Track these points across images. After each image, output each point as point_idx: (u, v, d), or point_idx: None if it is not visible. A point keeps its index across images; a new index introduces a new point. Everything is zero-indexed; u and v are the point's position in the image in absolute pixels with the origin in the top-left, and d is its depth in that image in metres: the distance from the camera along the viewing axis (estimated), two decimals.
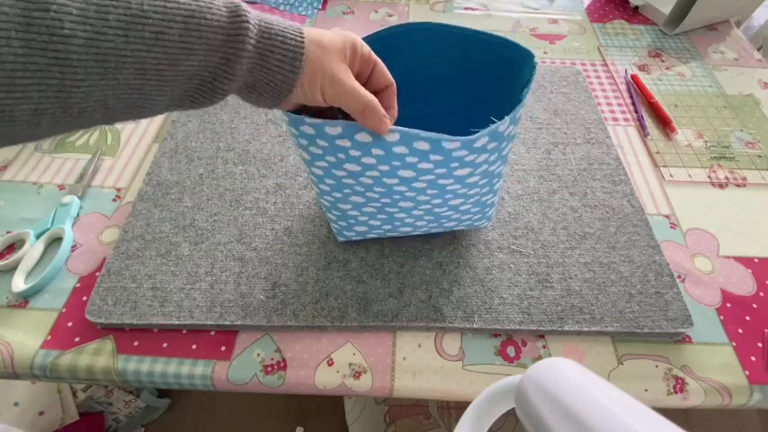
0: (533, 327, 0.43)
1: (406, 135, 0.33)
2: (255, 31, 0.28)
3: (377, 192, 0.39)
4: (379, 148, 0.34)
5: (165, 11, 0.24)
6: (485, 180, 0.39)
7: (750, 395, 0.41)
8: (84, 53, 0.22)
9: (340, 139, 0.34)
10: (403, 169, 0.36)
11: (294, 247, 0.48)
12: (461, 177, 0.37)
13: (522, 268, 0.47)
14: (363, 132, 0.33)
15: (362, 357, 0.43)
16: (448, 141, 0.33)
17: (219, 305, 0.44)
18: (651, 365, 0.43)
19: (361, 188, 0.39)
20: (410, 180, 0.37)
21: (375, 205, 0.41)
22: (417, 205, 0.40)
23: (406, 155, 0.34)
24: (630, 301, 0.45)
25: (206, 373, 0.41)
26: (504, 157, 0.38)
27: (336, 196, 0.40)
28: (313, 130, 0.33)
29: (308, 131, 0.34)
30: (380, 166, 0.35)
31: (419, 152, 0.34)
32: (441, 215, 0.42)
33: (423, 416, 0.82)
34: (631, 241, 0.50)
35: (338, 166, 0.36)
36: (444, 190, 0.38)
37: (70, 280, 0.47)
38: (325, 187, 0.39)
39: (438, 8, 0.84)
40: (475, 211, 0.43)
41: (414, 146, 0.34)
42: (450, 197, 0.39)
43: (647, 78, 0.71)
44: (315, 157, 0.36)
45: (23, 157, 0.57)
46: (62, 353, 0.42)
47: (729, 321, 0.45)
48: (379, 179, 0.37)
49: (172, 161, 0.56)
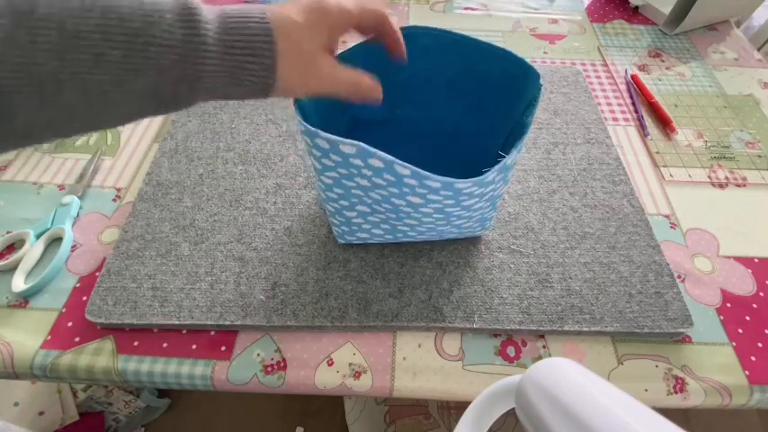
0: (533, 327, 0.43)
1: (417, 174, 0.33)
2: (215, 45, 0.26)
3: (384, 207, 0.39)
4: (391, 174, 0.34)
5: (105, 30, 0.23)
6: (489, 203, 0.40)
7: (750, 395, 0.41)
8: (16, 78, 0.21)
9: (353, 158, 0.33)
10: (412, 196, 0.36)
11: (294, 247, 0.48)
12: (468, 206, 0.38)
13: (522, 268, 0.47)
14: (376, 159, 0.33)
15: (362, 357, 0.43)
16: (460, 183, 0.34)
17: (219, 305, 0.44)
18: (651, 365, 0.43)
19: (369, 200, 0.39)
20: (418, 205, 0.37)
21: (380, 217, 0.41)
22: (422, 224, 0.41)
23: (416, 186, 0.35)
24: (630, 301, 0.45)
25: (206, 373, 0.41)
26: (506, 180, 0.39)
27: (343, 204, 0.40)
28: (327, 145, 0.33)
29: (323, 145, 0.33)
30: (390, 188, 0.36)
31: (429, 187, 0.34)
32: (444, 231, 0.44)
33: (423, 416, 0.82)
34: (631, 241, 0.50)
35: (349, 179, 0.36)
36: (450, 214, 0.39)
37: (70, 280, 0.47)
38: (332, 195, 0.39)
39: (438, 8, 0.84)
40: (476, 225, 0.44)
41: (425, 182, 0.34)
42: (455, 219, 0.40)
43: (647, 78, 0.71)
44: (326, 167, 0.36)
45: (23, 157, 0.57)
46: (62, 353, 0.42)
47: (729, 321, 0.45)
48: (388, 198, 0.37)
49: (172, 161, 0.56)
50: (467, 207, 0.38)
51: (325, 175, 0.37)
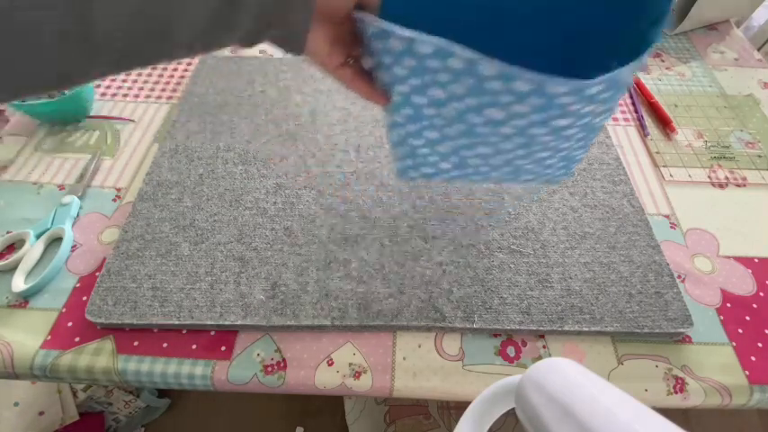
0: (533, 327, 0.43)
1: (505, 73, 0.28)
2: None
3: (456, 129, 0.34)
4: (472, 77, 0.29)
5: None
6: (582, 134, 0.34)
7: (750, 395, 0.41)
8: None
9: (430, 59, 0.29)
10: (492, 107, 0.31)
11: (294, 247, 0.48)
12: (558, 128, 0.32)
13: (522, 268, 0.47)
14: (456, 58, 0.28)
15: (362, 357, 0.43)
16: (555, 84, 0.28)
17: (219, 305, 0.44)
18: (651, 365, 0.43)
19: (440, 121, 0.34)
20: (497, 123, 0.32)
21: (450, 145, 0.37)
22: (498, 153, 0.35)
23: (501, 92, 0.29)
24: (630, 301, 0.45)
25: (206, 373, 0.41)
26: (612, 110, 0.33)
27: (410, 129, 0.36)
28: (401, 46, 0.29)
29: (396, 47, 0.29)
30: (468, 98, 0.31)
31: (517, 92, 0.29)
32: (521, 167, 0.38)
33: (423, 416, 0.82)
34: (631, 241, 0.50)
35: (421, 92, 0.32)
36: (533, 140, 0.33)
37: (70, 280, 0.47)
38: (399, 118, 0.36)
39: None
40: (560, 165, 0.38)
41: (512, 85, 0.29)
42: (539, 149, 0.34)
43: (647, 78, 0.71)
44: (397, 78, 0.32)
45: (23, 157, 0.57)
46: (62, 353, 0.42)
47: (729, 321, 0.45)
48: (463, 114, 0.32)
49: (172, 161, 0.56)
50: (557, 130, 0.32)
51: (395, 91, 0.33)
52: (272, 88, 0.65)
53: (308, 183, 0.54)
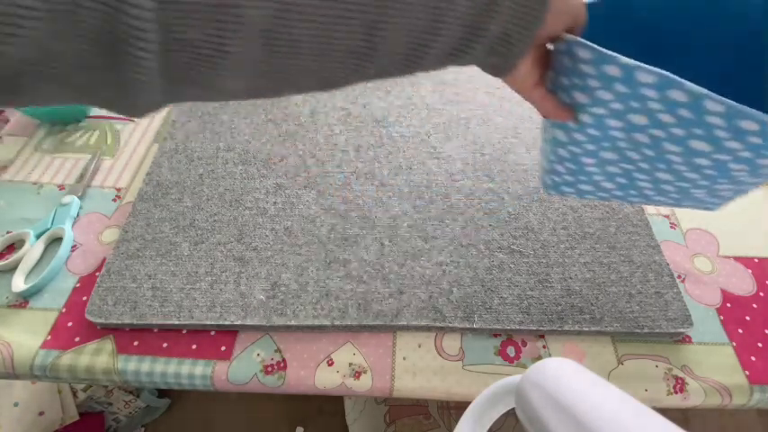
0: (533, 327, 0.43)
1: (734, 111, 0.27)
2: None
3: (641, 154, 0.33)
4: (691, 111, 0.28)
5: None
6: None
7: (750, 395, 0.41)
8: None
9: (647, 88, 0.29)
10: (700, 141, 0.30)
11: (294, 247, 0.48)
12: (758, 166, 0.31)
13: (522, 268, 0.47)
14: (680, 90, 0.28)
15: (362, 357, 0.43)
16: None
17: (219, 305, 0.44)
18: (651, 365, 0.43)
19: (625, 144, 0.33)
20: (697, 154, 0.31)
21: (626, 167, 0.36)
22: (678, 180, 0.34)
23: (719, 128, 0.28)
24: (630, 301, 0.45)
25: (206, 373, 0.41)
26: None
27: (587, 148, 0.35)
28: (620, 73, 0.28)
29: (612, 73, 0.29)
30: (675, 128, 0.30)
31: (737, 130, 0.28)
32: (690, 195, 0.37)
33: (423, 416, 0.82)
34: (631, 241, 0.50)
35: (620, 116, 0.31)
36: (725, 174, 0.32)
37: (70, 280, 0.47)
38: (579, 136, 0.34)
39: None
40: (728, 196, 0.37)
41: (735, 123, 0.28)
42: (724, 181, 0.33)
43: None
44: (598, 102, 0.31)
45: (23, 157, 0.57)
46: (62, 353, 0.42)
47: (729, 321, 0.45)
48: (660, 141, 0.32)
49: (172, 161, 0.56)
50: (756, 167, 0.31)
51: (588, 112, 0.32)
52: None
53: (307, 183, 0.54)
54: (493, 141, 0.59)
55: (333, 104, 0.63)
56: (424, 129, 0.60)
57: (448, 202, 0.53)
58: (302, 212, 0.51)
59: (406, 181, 0.54)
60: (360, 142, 0.58)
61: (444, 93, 0.65)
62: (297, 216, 0.51)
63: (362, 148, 0.58)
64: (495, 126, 0.61)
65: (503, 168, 0.56)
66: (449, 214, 0.51)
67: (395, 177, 0.55)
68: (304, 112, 0.62)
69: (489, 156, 0.58)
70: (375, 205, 0.52)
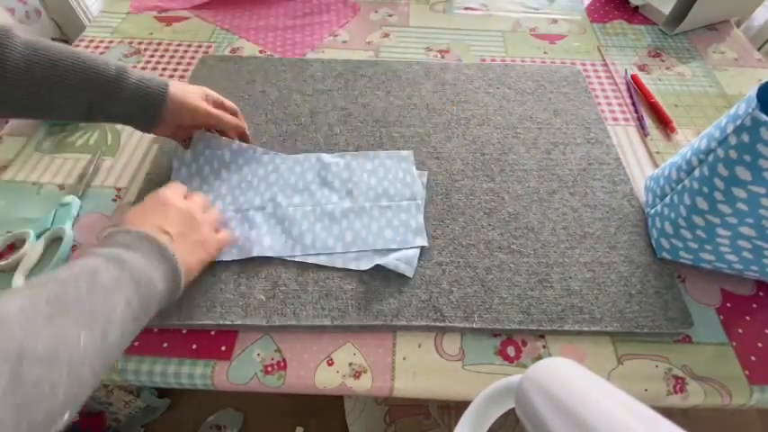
0: (533, 327, 0.43)
1: None
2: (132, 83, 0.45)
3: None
4: None
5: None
6: None
7: (750, 395, 0.41)
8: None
9: None
10: None
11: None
12: None
13: (522, 268, 0.47)
14: None
15: (362, 357, 0.43)
16: None
17: (219, 305, 0.44)
18: (651, 365, 0.43)
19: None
20: None
21: (759, 244, 0.38)
22: None
23: None
24: (630, 301, 0.45)
25: (206, 372, 0.41)
26: None
27: (728, 221, 0.37)
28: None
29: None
30: None
31: None
32: None
33: (423, 416, 0.82)
34: (631, 241, 0.50)
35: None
36: None
37: None
38: (725, 208, 0.36)
39: (438, 8, 0.84)
40: None
41: None
42: None
43: (647, 78, 0.71)
44: (760, 180, 0.34)
45: (23, 157, 0.57)
46: None
47: (729, 321, 0.45)
48: None
49: (172, 161, 0.56)
50: None
51: (745, 188, 0.34)
52: (272, 88, 0.65)
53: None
54: (493, 141, 0.59)
55: (333, 104, 0.63)
56: (424, 129, 0.60)
57: (448, 202, 0.53)
58: None
59: None
60: (360, 142, 0.58)
61: (444, 93, 0.65)
62: None
63: (362, 148, 0.58)
64: (495, 126, 0.61)
65: (503, 168, 0.56)
66: (449, 214, 0.51)
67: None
68: (304, 112, 0.62)
69: (489, 156, 0.58)
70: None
